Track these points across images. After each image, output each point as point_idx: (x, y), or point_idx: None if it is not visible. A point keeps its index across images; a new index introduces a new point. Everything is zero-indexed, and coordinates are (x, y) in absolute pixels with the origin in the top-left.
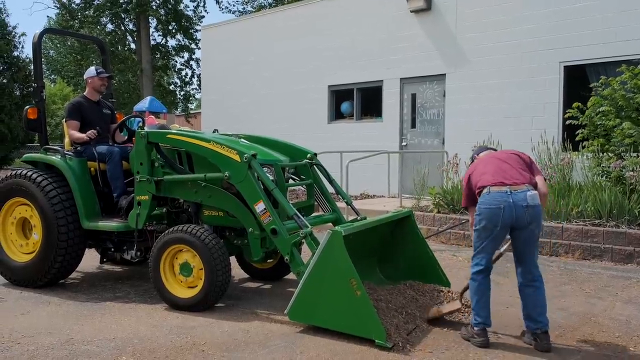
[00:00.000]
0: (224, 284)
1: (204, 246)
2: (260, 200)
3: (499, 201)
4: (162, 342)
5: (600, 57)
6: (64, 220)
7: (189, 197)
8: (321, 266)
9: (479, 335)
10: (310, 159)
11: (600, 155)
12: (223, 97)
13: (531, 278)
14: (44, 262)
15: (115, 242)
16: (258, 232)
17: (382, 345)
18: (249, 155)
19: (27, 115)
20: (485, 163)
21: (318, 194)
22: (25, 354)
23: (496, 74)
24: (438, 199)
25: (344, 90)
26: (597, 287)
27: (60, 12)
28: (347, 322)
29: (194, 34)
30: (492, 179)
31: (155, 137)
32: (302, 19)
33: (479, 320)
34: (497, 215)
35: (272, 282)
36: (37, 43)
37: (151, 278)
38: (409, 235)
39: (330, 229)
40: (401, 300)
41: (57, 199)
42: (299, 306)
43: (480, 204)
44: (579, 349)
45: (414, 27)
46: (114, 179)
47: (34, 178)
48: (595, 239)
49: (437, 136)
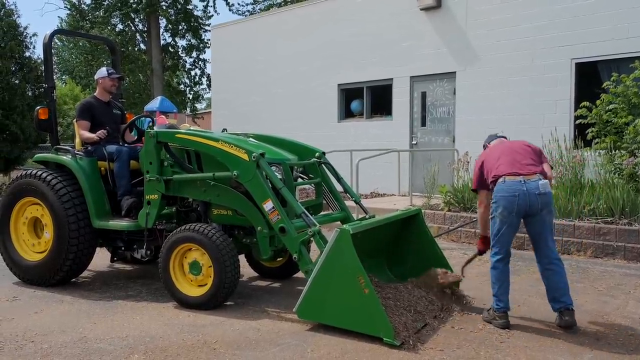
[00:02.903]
0: (233, 282)
1: (213, 244)
2: (268, 198)
3: (514, 189)
4: (174, 340)
5: (612, 54)
6: (74, 218)
7: (198, 196)
8: (329, 264)
9: (500, 318)
10: (319, 157)
11: (613, 153)
12: (233, 97)
13: (548, 261)
14: (55, 261)
15: (125, 241)
16: (267, 230)
17: (390, 343)
18: (257, 154)
19: (38, 115)
20: (499, 152)
21: (326, 193)
22: (39, 352)
23: (507, 71)
24: (449, 197)
25: (353, 88)
26: (610, 285)
27: (70, 13)
28: (355, 320)
29: (203, 34)
30: (507, 169)
31: (164, 136)
32: (312, 17)
33: (500, 306)
34: (512, 203)
35: (282, 281)
36: (47, 44)
37: (161, 277)
38: (417, 234)
39: (338, 227)
40: (410, 298)
41: (67, 197)
42: (307, 304)
43: (496, 192)
44: (591, 348)
45: (424, 25)
46: (120, 178)
47: (44, 178)
48: (607, 237)
49: (448, 134)
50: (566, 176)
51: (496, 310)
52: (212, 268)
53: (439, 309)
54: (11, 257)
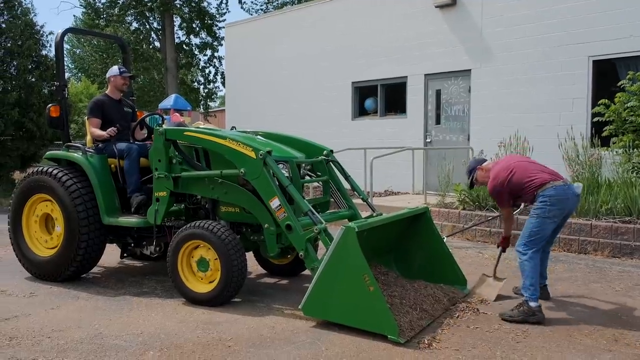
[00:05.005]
0: (240, 278)
1: (219, 241)
2: (275, 196)
3: (566, 193)
4: (189, 337)
5: (629, 51)
6: (85, 214)
7: (206, 193)
8: (334, 262)
9: (539, 312)
10: (327, 155)
11: (631, 151)
12: (247, 94)
13: (548, 250)
14: (66, 256)
15: (135, 237)
16: (274, 228)
17: (394, 341)
18: (264, 152)
19: (49, 113)
20: (523, 166)
21: (334, 191)
22: (56, 348)
23: (523, 69)
24: (463, 196)
25: (367, 86)
26: (627, 285)
27: (86, 11)
28: (360, 318)
29: (217, 32)
30: (549, 176)
31: (173, 134)
32: (326, 15)
33: (536, 296)
34: (565, 204)
35: (292, 278)
36: (59, 42)
37: (169, 273)
38: (425, 232)
39: (344, 225)
40: (416, 296)
41: (77, 193)
42: (313, 301)
43: (550, 196)
44: (609, 349)
45: (439, 23)
46: (129, 175)
47: (55, 174)
48: (625, 237)
49: (462, 132)
50: (583, 175)
51: (534, 302)
52: (219, 265)
53: (446, 308)
54: (23, 252)
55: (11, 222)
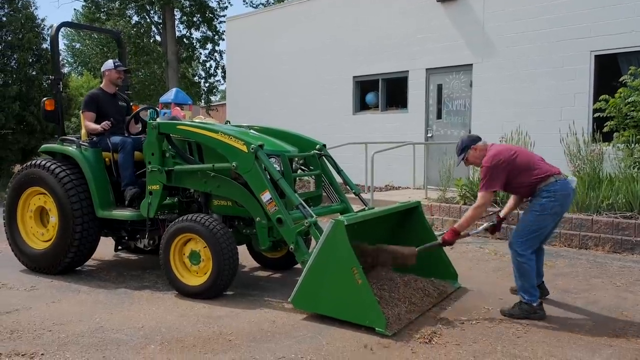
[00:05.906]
0: (231, 268)
1: (210, 234)
2: (266, 190)
3: (568, 188)
4: (190, 331)
5: (631, 46)
6: (78, 205)
7: (199, 187)
8: (324, 255)
9: (540, 309)
10: (319, 150)
11: (632, 146)
12: (247, 89)
13: (542, 247)
14: (60, 247)
15: (129, 230)
16: (265, 221)
17: (382, 334)
18: (255, 146)
19: (44, 106)
20: (526, 152)
21: (326, 185)
22: (57, 341)
23: (524, 63)
24: (464, 191)
25: (369, 81)
26: (629, 281)
27: (86, 5)
28: (349, 310)
29: (218, 26)
30: (553, 169)
31: (166, 128)
32: (326, 9)
33: (536, 296)
34: (568, 200)
35: (286, 272)
36: (54, 36)
37: (162, 266)
38: (416, 226)
39: (333, 219)
40: (405, 290)
41: (70, 184)
42: (302, 294)
43: (555, 191)
44: (610, 344)
45: (441, 17)
46: (123, 169)
47: (49, 167)
48: (626, 232)
49: (464, 127)
50: (584, 170)
51: (533, 302)
52: (209, 253)
53: (435, 301)
54: (18, 245)
55: (6, 217)
